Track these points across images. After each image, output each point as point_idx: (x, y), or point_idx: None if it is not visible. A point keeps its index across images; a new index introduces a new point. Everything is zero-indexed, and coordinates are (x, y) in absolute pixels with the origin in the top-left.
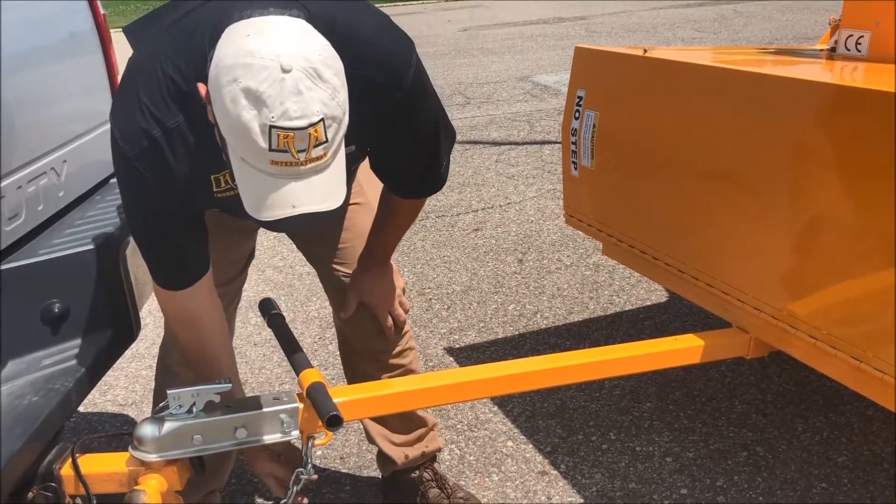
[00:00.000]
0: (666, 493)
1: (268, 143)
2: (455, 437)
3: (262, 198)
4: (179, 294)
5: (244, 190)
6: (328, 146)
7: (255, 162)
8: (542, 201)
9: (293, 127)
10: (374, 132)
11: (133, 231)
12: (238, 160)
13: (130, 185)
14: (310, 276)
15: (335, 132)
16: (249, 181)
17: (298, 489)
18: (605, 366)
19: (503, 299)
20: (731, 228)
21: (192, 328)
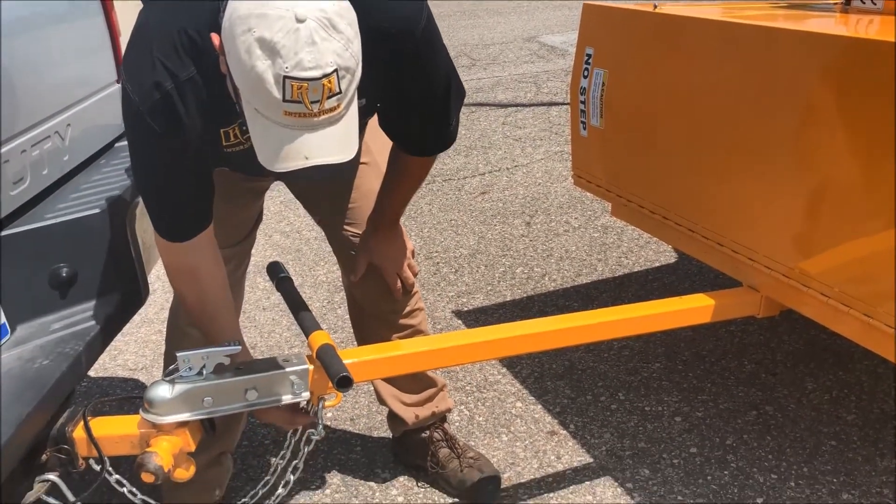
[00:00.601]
0: (675, 452)
1: (282, 93)
2: (464, 399)
3: (276, 149)
4: (180, 246)
5: (258, 141)
6: (341, 97)
7: (268, 113)
8: (549, 163)
9: (307, 77)
10: (385, 85)
11: (138, 182)
12: (252, 111)
13: (140, 137)
14: (317, 240)
15: (348, 83)
16: (263, 132)
17: (309, 449)
18: (615, 326)
19: (511, 262)
20: (742, 187)
21: (192, 281)
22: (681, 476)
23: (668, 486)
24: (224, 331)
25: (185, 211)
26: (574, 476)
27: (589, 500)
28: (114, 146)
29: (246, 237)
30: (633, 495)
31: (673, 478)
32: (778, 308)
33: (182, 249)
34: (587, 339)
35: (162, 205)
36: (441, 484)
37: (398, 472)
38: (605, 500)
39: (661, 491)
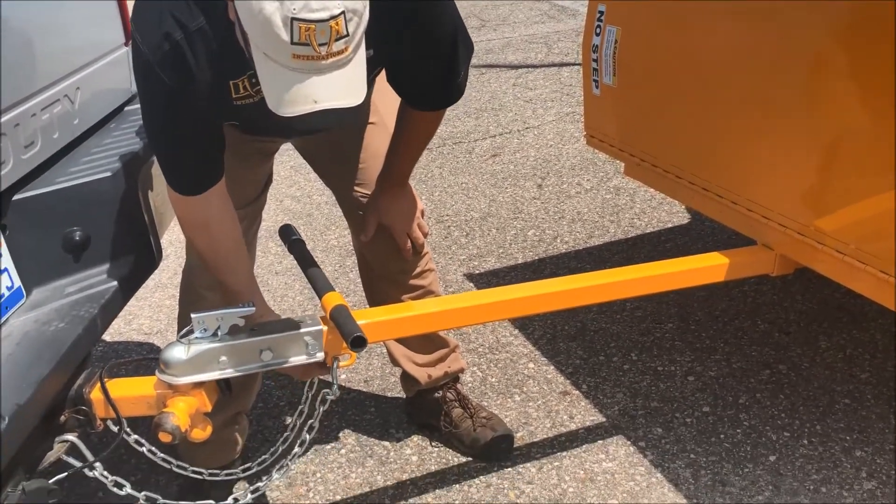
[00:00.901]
0: (688, 411)
1: (290, 35)
2: (477, 360)
3: (284, 93)
4: (193, 200)
5: (266, 86)
6: (349, 40)
7: (277, 56)
8: (561, 125)
9: (315, 19)
10: (392, 37)
11: (150, 135)
12: (260, 56)
13: (150, 89)
14: (328, 205)
15: (356, 26)
16: (271, 77)
17: (325, 409)
18: (628, 285)
19: (522, 225)
20: (757, 144)
21: (205, 234)
22: (693, 434)
23: (681, 444)
24: (240, 282)
25: (196, 164)
26: (587, 435)
27: (602, 458)
28: (123, 110)
29: (256, 198)
30: (646, 454)
31: (686, 436)
32: (792, 266)
33: (194, 203)
34: (600, 299)
35: (174, 158)
36: (454, 443)
37: (412, 432)
38: (618, 458)
39: (674, 449)
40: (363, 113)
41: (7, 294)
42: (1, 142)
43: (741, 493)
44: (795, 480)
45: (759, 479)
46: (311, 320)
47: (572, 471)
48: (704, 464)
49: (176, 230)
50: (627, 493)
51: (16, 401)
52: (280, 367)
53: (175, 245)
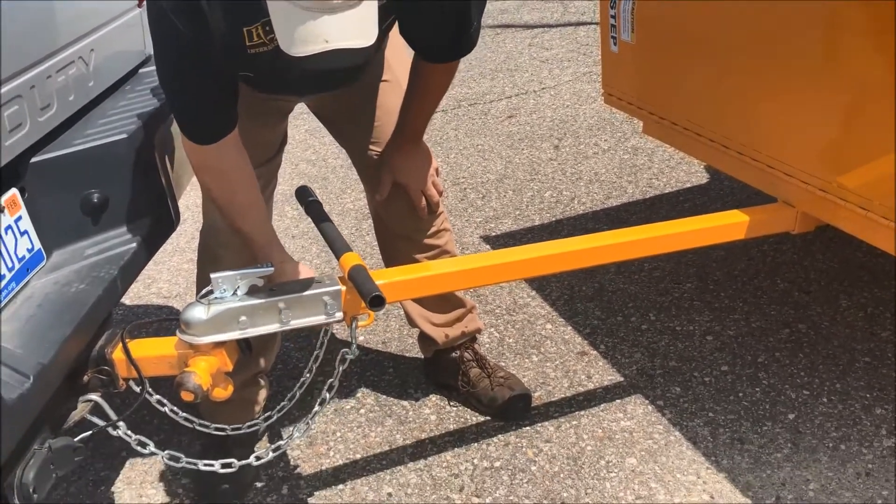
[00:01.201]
0: (706, 370)
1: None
2: (494, 322)
3: (296, 33)
4: (207, 149)
5: (278, 26)
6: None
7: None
8: (577, 85)
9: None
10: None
11: (163, 85)
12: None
13: (165, 38)
14: (343, 168)
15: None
16: (284, 16)
17: (344, 368)
18: (647, 244)
19: (539, 186)
20: (777, 100)
21: (221, 182)
22: (712, 393)
23: (700, 403)
24: (257, 230)
25: (210, 113)
26: (605, 395)
27: (620, 417)
28: (138, 72)
29: (272, 158)
30: (665, 412)
31: (704, 395)
32: (814, 223)
33: (208, 151)
34: (618, 258)
35: (187, 107)
36: (472, 402)
37: (430, 392)
38: (636, 417)
39: (693, 408)
40: (376, 70)
41: (28, 256)
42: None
43: (760, 451)
44: (814, 438)
45: (778, 437)
46: (329, 280)
47: (590, 429)
48: (723, 422)
49: (192, 195)
50: (645, 451)
51: (39, 360)
52: (300, 326)
53: (192, 209)
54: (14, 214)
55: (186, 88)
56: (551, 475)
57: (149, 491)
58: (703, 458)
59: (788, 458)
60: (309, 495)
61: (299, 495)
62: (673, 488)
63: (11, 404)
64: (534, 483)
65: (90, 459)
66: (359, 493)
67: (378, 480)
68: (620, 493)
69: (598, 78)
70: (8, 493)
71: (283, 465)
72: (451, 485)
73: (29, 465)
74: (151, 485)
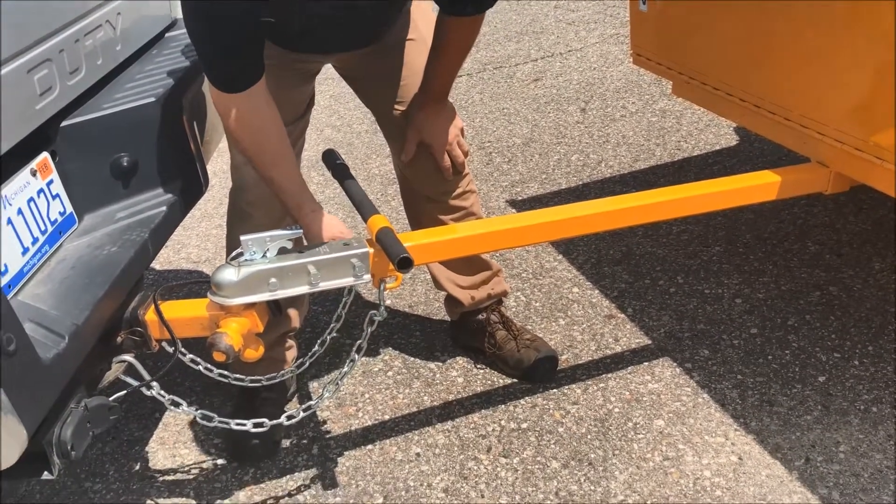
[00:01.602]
0: (735, 333)
1: None
2: (521, 286)
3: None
4: (237, 97)
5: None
6: None
7: None
8: (604, 47)
9: None
10: None
11: (192, 34)
12: None
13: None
14: (368, 133)
15: None
16: None
17: (372, 330)
18: (676, 205)
19: (566, 150)
20: (811, 57)
21: (250, 130)
22: (741, 356)
23: (728, 365)
24: (287, 179)
25: (238, 59)
26: (632, 357)
27: (647, 379)
28: (164, 36)
29: (300, 117)
30: (693, 375)
31: (733, 358)
32: (848, 184)
33: (239, 100)
34: (647, 220)
35: (216, 54)
36: (499, 365)
37: (457, 354)
38: (664, 379)
39: (721, 370)
40: (402, 29)
41: (60, 219)
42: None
43: (789, 413)
44: (845, 401)
45: (808, 399)
46: (357, 242)
47: (618, 392)
48: (752, 384)
49: (219, 161)
50: (673, 412)
51: (73, 321)
52: (328, 288)
53: (219, 175)
54: (46, 178)
55: (214, 36)
56: (578, 436)
57: (182, 451)
58: (732, 420)
59: (818, 421)
60: (338, 455)
61: (329, 455)
62: (701, 450)
63: (48, 363)
64: (561, 444)
65: (124, 420)
66: (387, 452)
67: (406, 441)
68: (648, 455)
69: (626, 40)
70: (47, 449)
71: (312, 426)
72: (478, 445)
73: (66, 423)
74: (184, 445)
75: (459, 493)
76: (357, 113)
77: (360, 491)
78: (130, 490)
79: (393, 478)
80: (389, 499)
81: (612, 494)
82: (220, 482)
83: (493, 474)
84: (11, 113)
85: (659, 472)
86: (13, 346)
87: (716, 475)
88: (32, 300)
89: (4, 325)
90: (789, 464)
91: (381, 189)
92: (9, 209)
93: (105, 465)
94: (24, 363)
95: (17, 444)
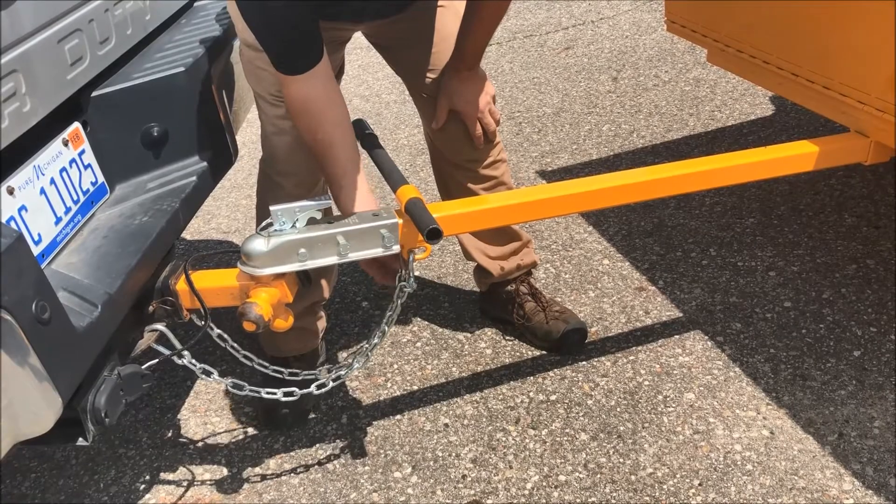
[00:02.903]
0: (769, 306)
1: None
2: (550, 257)
3: None
4: (297, 80)
5: None
6: None
7: None
8: (637, 14)
9: None
10: None
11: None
12: None
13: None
14: (397, 103)
15: None
16: None
17: (402, 301)
18: (711, 176)
19: (597, 120)
20: (851, 24)
21: (307, 113)
22: (774, 329)
23: (761, 339)
24: (337, 167)
25: (298, 44)
26: (663, 330)
27: (678, 352)
28: (193, 5)
29: None
30: (724, 348)
31: (766, 331)
32: (888, 154)
33: (299, 82)
34: (680, 191)
35: (277, 41)
36: (528, 336)
37: (485, 326)
38: (695, 352)
39: (753, 344)
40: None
41: (92, 189)
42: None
43: (823, 388)
44: (881, 376)
45: (842, 374)
46: (386, 213)
47: (648, 364)
48: (785, 358)
49: (248, 131)
50: (704, 386)
51: (106, 290)
52: (357, 259)
53: (248, 146)
54: (78, 148)
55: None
56: (607, 409)
57: (213, 419)
58: (764, 394)
59: (853, 396)
60: (367, 424)
61: (358, 424)
62: (732, 423)
63: (81, 331)
64: (590, 416)
65: (157, 388)
66: (416, 423)
67: (435, 411)
68: (678, 428)
69: (658, 7)
70: (81, 416)
71: (342, 396)
72: (506, 417)
73: (100, 390)
74: (216, 413)
75: (488, 463)
76: (385, 83)
77: (389, 460)
78: (163, 456)
79: (421, 448)
80: (418, 468)
81: (641, 467)
82: (251, 450)
83: (522, 446)
84: (43, 82)
85: (689, 445)
86: (47, 314)
87: (747, 449)
88: (66, 269)
89: (39, 294)
90: (822, 439)
91: (410, 160)
92: (42, 179)
93: (138, 432)
94: (59, 331)
95: (53, 411)
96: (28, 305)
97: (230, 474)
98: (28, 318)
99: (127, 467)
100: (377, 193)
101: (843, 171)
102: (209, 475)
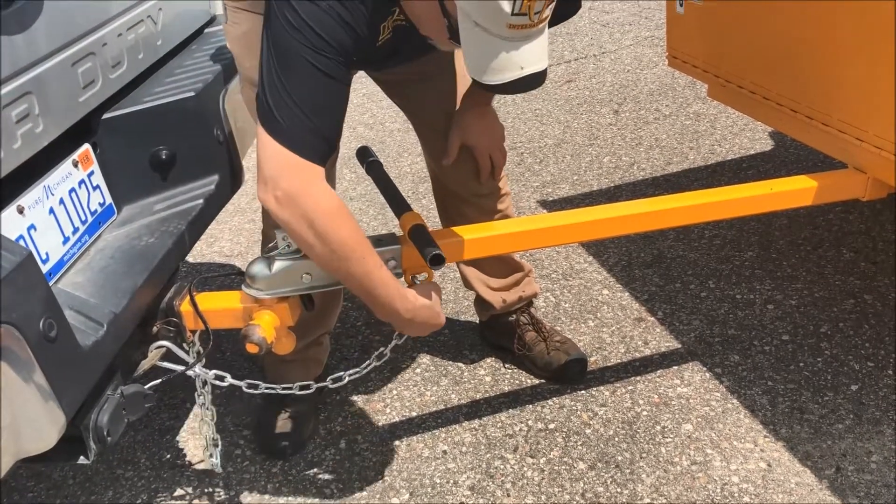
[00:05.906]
0: (766, 339)
1: (512, 7)
2: (550, 286)
3: (492, 62)
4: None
5: (471, 56)
6: (552, 3)
7: (492, 27)
8: (638, 49)
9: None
10: None
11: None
12: (470, 25)
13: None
14: (400, 132)
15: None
16: (480, 46)
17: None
18: (709, 209)
19: (598, 151)
20: (849, 61)
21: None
22: (772, 362)
23: (759, 371)
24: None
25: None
26: (661, 361)
27: (676, 383)
28: (203, 32)
29: None
30: (722, 380)
31: (763, 364)
32: (885, 190)
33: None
34: (680, 223)
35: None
36: (527, 365)
37: (485, 354)
38: (693, 383)
39: (751, 376)
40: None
41: (99, 210)
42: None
43: (820, 421)
44: (878, 410)
45: (840, 408)
46: (389, 238)
47: (646, 395)
48: (782, 391)
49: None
50: (702, 417)
51: (111, 309)
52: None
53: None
54: (87, 169)
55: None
56: (606, 438)
57: None
58: (761, 427)
59: (850, 430)
60: (365, 450)
61: (356, 449)
62: (729, 455)
63: (87, 350)
64: (588, 446)
65: (156, 409)
66: (414, 449)
67: (433, 438)
68: (675, 458)
69: (660, 42)
70: (84, 434)
71: (340, 420)
72: (505, 444)
73: (103, 408)
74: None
75: (485, 491)
76: (390, 112)
77: (387, 486)
78: (161, 478)
79: (419, 474)
80: (415, 495)
81: (638, 497)
82: (249, 473)
83: (520, 474)
84: (56, 104)
85: (686, 476)
86: (55, 331)
87: (744, 481)
88: (72, 288)
89: (47, 311)
90: (819, 472)
91: (413, 186)
92: (51, 199)
93: (137, 453)
94: (65, 349)
95: (56, 428)
96: (36, 322)
97: (228, 497)
98: (35, 334)
99: (125, 488)
100: (380, 219)
101: (842, 207)
102: (207, 498)
